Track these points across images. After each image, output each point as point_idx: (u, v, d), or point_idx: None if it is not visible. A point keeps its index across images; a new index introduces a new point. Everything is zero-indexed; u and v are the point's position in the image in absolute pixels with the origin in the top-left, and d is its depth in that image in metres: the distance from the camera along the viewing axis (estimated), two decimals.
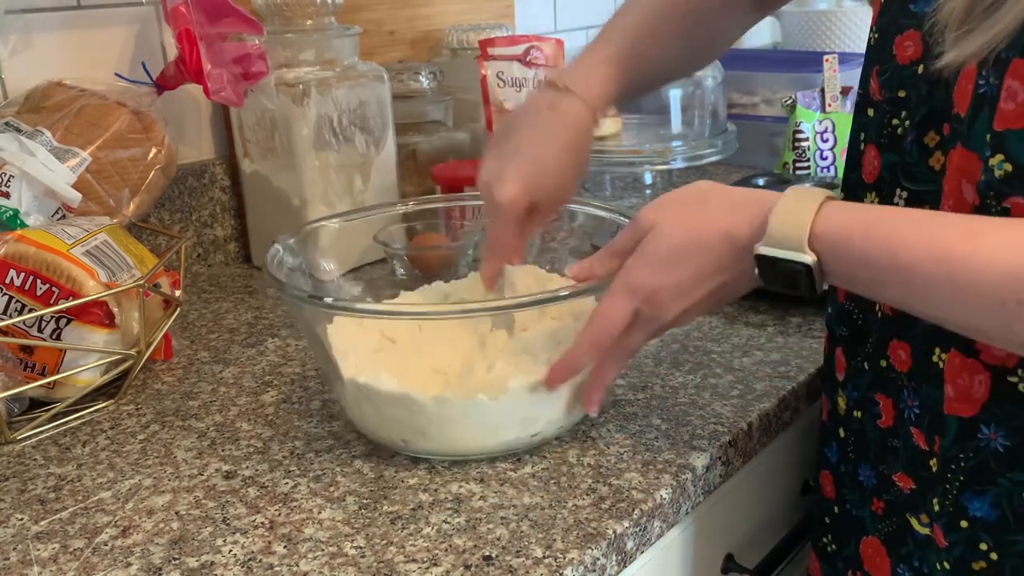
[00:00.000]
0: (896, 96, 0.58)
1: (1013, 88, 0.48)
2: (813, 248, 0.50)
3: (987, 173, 0.50)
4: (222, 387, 0.78)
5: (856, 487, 0.66)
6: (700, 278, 0.55)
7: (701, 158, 1.32)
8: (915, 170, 0.57)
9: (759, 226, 0.52)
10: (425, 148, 1.18)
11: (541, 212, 0.70)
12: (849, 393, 0.65)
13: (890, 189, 0.59)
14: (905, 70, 0.57)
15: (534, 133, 0.69)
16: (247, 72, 0.93)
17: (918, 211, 0.51)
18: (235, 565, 0.55)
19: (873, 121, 0.60)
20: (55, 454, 0.68)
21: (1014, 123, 0.48)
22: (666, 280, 0.55)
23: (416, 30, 1.30)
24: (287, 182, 1.02)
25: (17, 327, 0.72)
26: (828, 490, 0.69)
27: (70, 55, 0.97)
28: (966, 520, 0.55)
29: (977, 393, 0.54)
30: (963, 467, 0.55)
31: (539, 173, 0.68)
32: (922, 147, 0.56)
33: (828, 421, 0.69)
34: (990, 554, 0.55)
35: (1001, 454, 0.53)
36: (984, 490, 0.54)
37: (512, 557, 0.54)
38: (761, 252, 0.51)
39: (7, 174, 0.78)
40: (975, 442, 0.54)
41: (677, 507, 0.62)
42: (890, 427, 0.61)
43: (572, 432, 0.68)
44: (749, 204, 0.53)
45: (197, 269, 1.09)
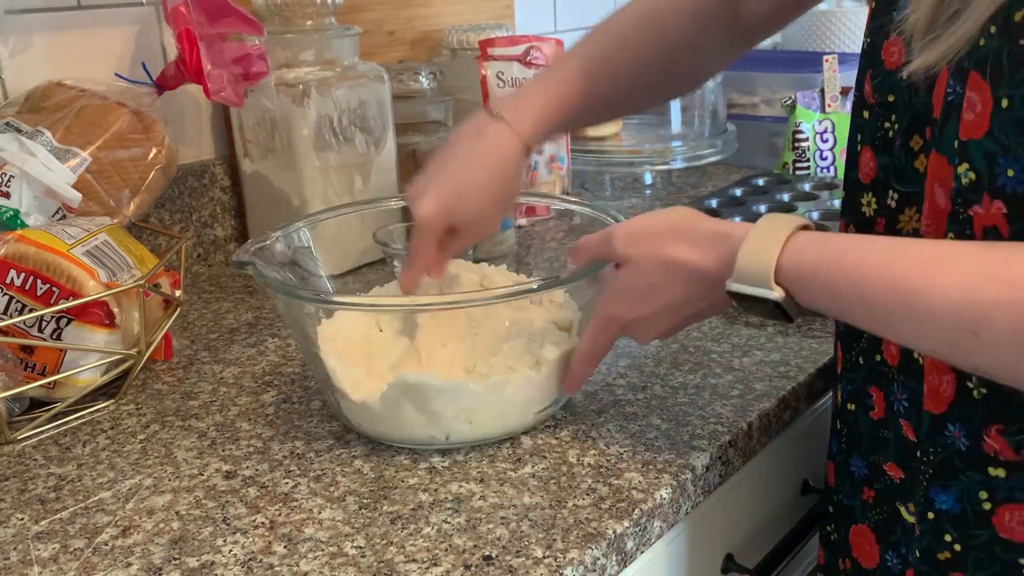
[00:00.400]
0: (887, 100, 0.59)
1: (972, 99, 0.49)
2: (780, 282, 0.52)
3: (956, 180, 0.51)
4: (222, 387, 0.78)
5: (847, 477, 0.67)
6: (673, 308, 0.59)
7: (701, 158, 1.32)
8: (903, 172, 0.58)
9: (728, 261, 0.54)
10: (425, 148, 1.18)
11: (462, 234, 0.71)
12: (844, 387, 0.66)
13: (883, 190, 0.60)
14: (893, 75, 0.57)
15: (460, 156, 0.71)
16: (247, 72, 0.93)
17: (883, 239, 0.51)
18: (235, 565, 0.55)
19: (868, 123, 0.61)
20: (55, 454, 0.68)
21: (974, 133, 0.49)
22: (641, 312, 0.60)
23: (416, 30, 1.31)
24: (287, 182, 1.02)
25: (17, 327, 0.72)
26: (830, 480, 0.70)
27: (70, 55, 0.97)
28: (932, 512, 0.57)
29: (945, 392, 0.55)
30: (932, 460, 0.56)
31: (458, 196, 0.70)
32: (908, 150, 0.57)
33: (833, 413, 0.70)
34: (954, 545, 0.56)
35: (963, 452, 0.55)
36: (948, 485, 0.56)
37: (512, 557, 0.54)
38: (731, 289, 0.54)
39: (7, 174, 0.78)
40: (943, 438, 0.56)
41: (677, 507, 0.63)
42: (881, 419, 0.63)
43: (572, 432, 0.68)
44: (719, 239, 0.55)
45: (197, 269, 1.09)
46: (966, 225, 0.51)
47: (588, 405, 0.72)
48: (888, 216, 0.60)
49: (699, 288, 0.57)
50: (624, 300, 0.60)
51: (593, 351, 0.64)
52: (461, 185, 0.70)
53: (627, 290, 0.59)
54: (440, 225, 0.70)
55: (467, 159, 0.71)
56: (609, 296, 0.61)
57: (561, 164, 1.19)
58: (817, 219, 1.14)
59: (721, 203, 1.24)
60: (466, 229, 0.71)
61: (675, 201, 1.29)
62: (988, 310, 0.44)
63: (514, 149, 0.71)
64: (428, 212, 0.69)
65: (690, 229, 0.57)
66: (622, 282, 0.60)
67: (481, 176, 0.70)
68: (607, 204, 1.29)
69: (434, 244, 0.70)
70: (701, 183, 1.39)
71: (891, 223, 0.60)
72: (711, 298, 0.57)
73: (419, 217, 0.69)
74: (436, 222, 0.69)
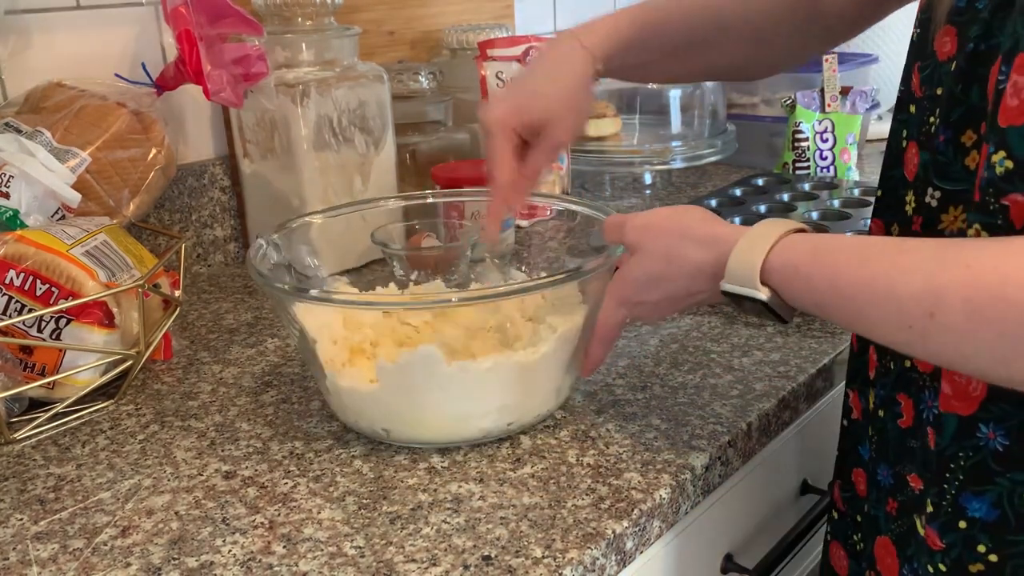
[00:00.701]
0: (935, 93, 0.57)
1: (1019, 84, 0.48)
2: (766, 282, 0.54)
3: (989, 170, 0.50)
4: (222, 387, 0.78)
5: (875, 486, 0.66)
6: (674, 298, 0.62)
7: (701, 158, 1.32)
8: (949, 169, 0.56)
9: (724, 262, 0.56)
10: (425, 148, 1.18)
11: (541, 140, 0.71)
12: (877, 392, 0.65)
13: (923, 188, 0.59)
14: (943, 67, 0.56)
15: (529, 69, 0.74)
16: (247, 73, 0.93)
17: (864, 238, 0.52)
18: (235, 565, 0.55)
19: (914, 118, 0.60)
20: (55, 454, 0.68)
21: (1016, 119, 0.48)
22: (644, 298, 0.63)
23: (416, 30, 1.31)
24: (287, 182, 1.02)
25: (17, 327, 0.72)
26: (861, 488, 0.68)
27: (70, 55, 0.97)
28: (964, 520, 0.55)
29: (975, 391, 0.53)
30: (962, 466, 0.55)
31: (525, 96, 0.71)
32: (958, 146, 0.56)
33: (862, 419, 0.68)
34: (989, 556, 0.54)
35: (1001, 453, 0.53)
36: (983, 490, 0.54)
37: (511, 557, 0.54)
38: (724, 288, 0.56)
39: (7, 174, 0.78)
40: (974, 441, 0.54)
41: (676, 507, 0.62)
42: (909, 427, 0.61)
43: (572, 432, 0.68)
44: (718, 241, 0.58)
45: (197, 269, 1.09)
46: (997, 215, 0.50)
47: (588, 405, 0.72)
48: (927, 215, 0.58)
49: (699, 283, 0.59)
50: (632, 285, 0.63)
51: (606, 332, 0.67)
52: (529, 85, 0.72)
53: (632, 277, 0.63)
54: (511, 124, 0.69)
55: (535, 67, 0.73)
56: (618, 280, 0.64)
57: (561, 164, 1.19)
58: (817, 219, 1.14)
59: (721, 203, 1.24)
60: (543, 131, 0.70)
61: (675, 201, 1.29)
62: (943, 292, 0.45)
63: (581, 56, 0.72)
64: (497, 113, 0.69)
65: (697, 229, 0.60)
66: (630, 269, 0.63)
67: (549, 74, 0.72)
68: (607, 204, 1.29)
69: (511, 152, 0.70)
70: (701, 183, 1.39)
71: (931, 222, 0.58)
72: (710, 292, 0.59)
73: (488, 121, 0.69)
74: (507, 121, 0.69)
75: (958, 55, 0.55)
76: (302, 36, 1.01)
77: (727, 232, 0.58)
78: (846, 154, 1.35)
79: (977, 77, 0.53)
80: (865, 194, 1.24)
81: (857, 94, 1.36)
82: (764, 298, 0.54)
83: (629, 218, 0.64)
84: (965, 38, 0.53)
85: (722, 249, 0.57)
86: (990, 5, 0.52)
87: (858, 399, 0.68)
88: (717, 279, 0.57)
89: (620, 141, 1.36)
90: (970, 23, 0.53)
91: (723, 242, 0.57)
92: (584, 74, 0.72)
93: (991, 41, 0.52)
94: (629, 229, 0.63)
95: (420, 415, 0.65)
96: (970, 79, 0.54)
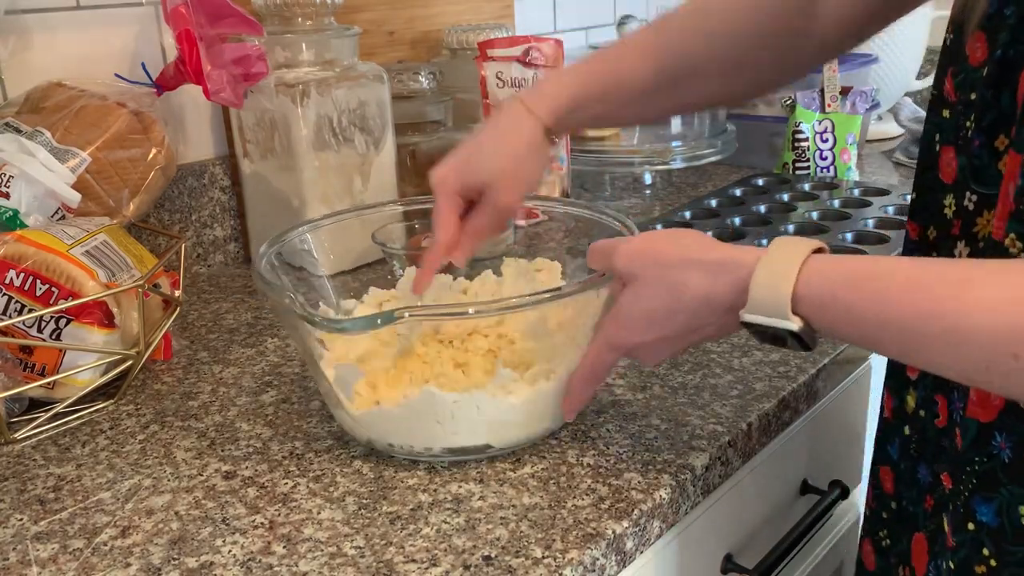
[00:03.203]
0: (969, 98, 0.56)
1: None
2: (798, 311, 0.50)
3: (1022, 178, 0.49)
4: (222, 387, 0.78)
5: (914, 484, 0.65)
6: (679, 335, 0.57)
7: (701, 158, 1.32)
8: (985, 174, 0.56)
9: (742, 291, 0.52)
10: (425, 148, 1.18)
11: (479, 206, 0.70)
12: (920, 392, 0.64)
13: (961, 191, 0.58)
14: (975, 72, 0.56)
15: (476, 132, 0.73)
16: (247, 73, 0.93)
17: (904, 260, 0.49)
18: (234, 565, 0.55)
19: (949, 123, 0.59)
20: (55, 454, 0.68)
21: None
22: (644, 339, 0.58)
23: (416, 30, 1.31)
24: (287, 182, 1.02)
25: (17, 327, 0.72)
26: (887, 486, 0.68)
27: (70, 55, 0.97)
28: (973, 523, 0.55)
29: (996, 399, 0.53)
30: (976, 471, 0.55)
31: (468, 158, 0.70)
32: (992, 150, 0.55)
33: (892, 418, 0.67)
34: (991, 560, 0.55)
35: (1007, 464, 0.53)
36: (991, 497, 0.54)
37: (511, 557, 0.54)
38: (746, 320, 0.52)
39: (7, 174, 0.78)
40: (989, 448, 0.54)
41: (676, 507, 0.62)
42: (944, 427, 0.61)
43: (572, 432, 0.68)
44: (729, 267, 0.53)
45: (197, 269, 1.09)
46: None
47: (588, 405, 0.72)
48: (965, 218, 0.58)
49: (706, 316, 0.55)
50: (628, 325, 0.58)
51: (594, 373, 0.63)
52: (473, 148, 0.71)
53: (628, 317, 0.58)
54: (454, 187, 0.69)
55: (482, 131, 0.72)
56: (613, 319, 0.59)
57: (561, 164, 1.19)
58: (817, 219, 1.14)
59: (721, 203, 1.24)
60: (486, 194, 0.69)
61: (675, 201, 1.29)
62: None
63: (527, 121, 0.70)
64: (441, 174, 0.69)
65: (699, 254, 0.55)
66: (627, 306, 0.58)
67: (494, 138, 0.71)
68: (607, 204, 1.29)
69: (451, 212, 0.69)
70: (701, 183, 1.39)
71: (967, 225, 0.58)
72: (719, 324, 0.55)
73: (433, 182, 0.69)
74: (448, 181, 0.69)
75: (988, 61, 0.55)
76: (302, 36, 1.01)
77: (738, 255, 0.53)
78: (846, 154, 1.35)
79: (1007, 82, 0.53)
80: (865, 194, 1.24)
81: (857, 94, 1.37)
82: (796, 328, 0.50)
83: (617, 243, 0.59)
84: (995, 44, 0.53)
85: (737, 275, 0.52)
86: (1017, 12, 0.52)
87: (891, 398, 0.68)
88: (731, 310, 0.53)
89: (620, 141, 1.36)
90: (999, 29, 0.53)
91: (736, 267, 0.52)
92: (531, 139, 0.70)
93: (1019, 47, 0.52)
94: (620, 256, 0.58)
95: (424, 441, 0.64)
96: (1000, 84, 0.53)
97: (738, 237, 1.08)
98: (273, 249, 0.71)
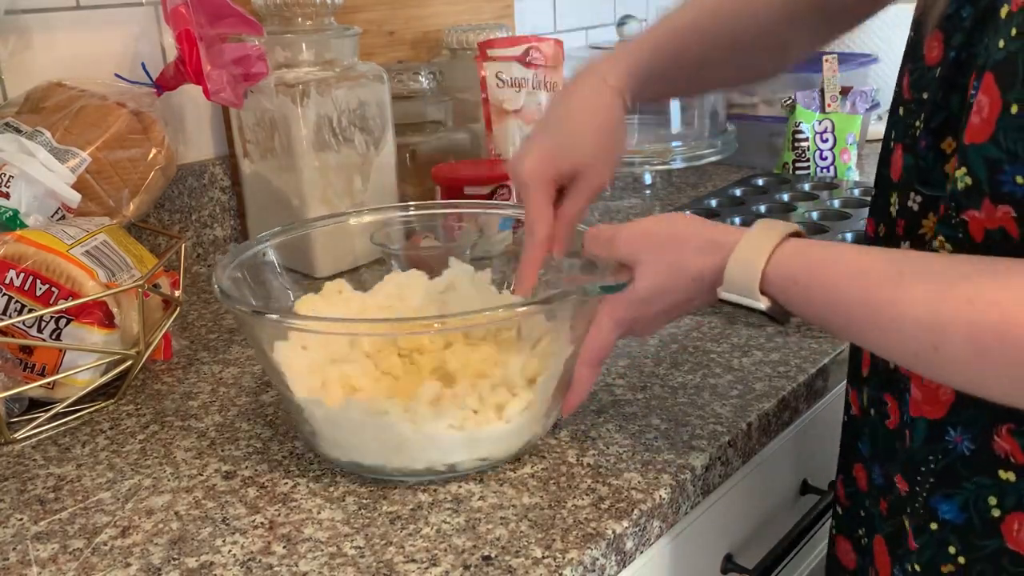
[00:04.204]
0: (921, 97, 0.57)
1: (982, 102, 0.48)
2: (766, 292, 0.54)
3: (952, 184, 0.50)
4: (221, 387, 0.78)
5: (872, 484, 0.66)
6: (673, 308, 0.61)
7: (701, 158, 1.32)
8: (930, 175, 0.56)
9: (721, 269, 0.56)
10: (425, 148, 1.18)
11: (573, 190, 0.68)
12: (869, 391, 0.65)
13: (906, 191, 0.59)
14: (930, 72, 0.56)
15: (555, 111, 0.72)
16: (247, 73, 0.93)
17: (859, 249, 0.53)
18: (234, 565, 0.55)
19: (902, 121, 0.60)
20: (55, 454, 0.68)
21: (976, 136, 0.48)
22: (643, 312, 0.61)
23: (416, 30, 1.31)
24: (287, 182, 1.02)
25: (17, 327, 0.72)
26: (863, 484, 0.68)
27: (70, 55, 0.97)
28: (936, 522, 0.55)
29: (944, 395, 0.54)
30: (933, 469, 0.55)
31: (558, 143, 0.68)
32: (938, 152, 0.56)
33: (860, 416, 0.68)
34: (958, 557, 0.55)
35: (968, 457, 0.54)
36: (952, 493, 0.54)
37: (511, 557, 0.54)
38: (721, 296, 0.56)
39: (7, 174, 0.78)
40: (942, 444, 0.54)
41: (676, 507, 0.62)
42: (895, 428, 0.61)
43: (572, 432, 0.68)
44: (715, 247, 0.57)
45: (197, 269, 1.09)
46: (958, 229, 0.51)
47: (588, 405, 0.72)
48: (909, 219, 0.58)
49: (696, 292, 0.59)
50: (629, 304, 0.61)
51: (597, 353, 0.64)
52: (561, 131, 0.68)
53: (637, 291, 0.61)
54: (548, 176, 0.67)
55: (561, 110, 0.70)
56: (620, 299, 0.62)
57: None
58: (817, 219, 1.14)
59: (721, 203, 1.24)
60: (578, 177, 0.68)
61: (675, 201, 1.29)
62: (946, 328, 0.45)
63: (609, 96, 0.69)
64: (532, 165, 0.66)
65: (695, 233, 0.59)
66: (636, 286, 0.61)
67: (579, 117, 0.68)
68: (607, 205, 1.29)
69: (548, 204, 0.67)
70: (701, 183, 1.39)
71: (912, 227, 0.58)
72: (710, 296, 0.59)
73: (523, 175, 0.66)
74: (543, 173, 0.66)
75: (942, 62, 0.55)
76: (302, 36, 1.01)
77: (722, 236, 0.57)
78: (846, 154, 1.35)
79: (957, 86, 0.53)
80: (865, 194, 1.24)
81: (857, 94, 1.36)
82: (763, 307, 0.54)
83: (618, 229, 0.62)
84: (949, 46, 0.54)
85: (719, 255, 0.56)
86: (973, 15, 0.52)
87: (856, 396, 0.69)
88: (716, 285, 0.57)
89: None
90: (955, 30, 0.53)
91: (719, 247, 0.57)
92: (616, 115, 0.70)
93: (972, 50, 0.52)
94: (622, 241, 0.61)
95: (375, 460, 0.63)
96: (951, 87, 0.54)
97: None
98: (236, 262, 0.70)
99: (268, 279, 0.75)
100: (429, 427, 0.60)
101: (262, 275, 0.74)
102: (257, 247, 0.74)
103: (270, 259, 0.75)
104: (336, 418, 0.61)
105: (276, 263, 0.76)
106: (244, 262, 0.71)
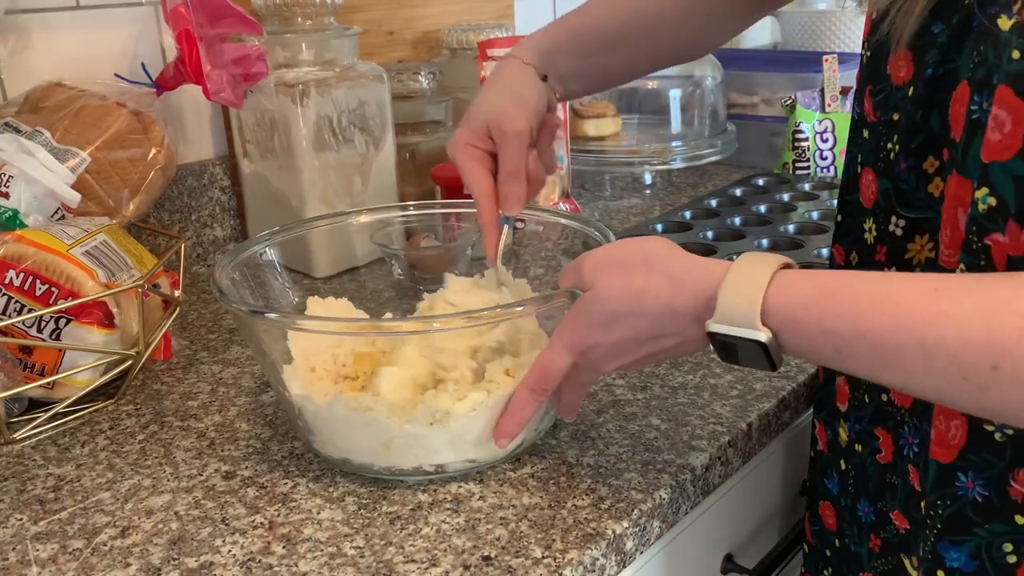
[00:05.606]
0: (891, 119, 0.55)
1: (1000, 117, 0.46)
2: (767, 323, 0.48)
3: (973, 207, 0.48)
4: (221, 387, 0.78)
5: (855, 522, 0.64)
6: (637, 341, 0.54)
7: (701, 158, 1.32)
8: (912, 197, 0.55)
9: (705, 300, 0.50)
10: (424, 148, 1.18)
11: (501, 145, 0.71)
12: (852, 426, 0.63)
13: (886, 215, 0.57)
14: (899, 91, 0.55)
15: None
16: (247, 73, 0.93)
17: (875, 274, 0.48)
18: (234, 565, 0.55)
19: (868, 143, 0.58)
20: (54, 454, 0.68)
21: (999, 155, 0.46)
22: (600, 339, 0.54)
23: (416, 30, 1.31)
24: (286, 182, 1.02)
25: (16, 327, 0.72)
26: (829, 522, 0.68)
27: (70, 55, 0.97)
28: (943, 570, 0.54)
29: (955, 439, 0.52)
30: (941, 515, 0.53)
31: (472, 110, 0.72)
32: (920, 173, 0.54)
33: (828, 451, 0.67)
34: None
35: (979, 504, 0.51)
36: (962, 540, 0.53)
37: (511, 557, 0.54)
38: (712, 330, 0.49)
39: (7, 174, 0.78)
40: (952, 490, 0.52)
41: (676, 507, 0.62)
42: (889, 463, 0.60)
43: (572, 432, 0.68)
44: (693, 277, 0.51)
45: (197, 269, 1.09)
46: (980, 255, 0.48)
47: (587, 405, 0.72)
48: (892, 244, 0.57)
49: (668, 325, 0.52)
50: (584, 327, 0.55)
51: (542, 379, 0.58)
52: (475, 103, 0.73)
53: (588, 315, 0.55)
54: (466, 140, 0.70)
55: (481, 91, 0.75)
56: (569, 321, 0.56)
57: (561, 164, 1.19)
58: (816, 219, 1.14)
59: (721, 203, 1.24)
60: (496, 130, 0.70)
61: (675, 201, 1.29)
62: (1007, 343, 0.40)
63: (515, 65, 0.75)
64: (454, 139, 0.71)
65: (663, 263, 0.52)
66: (583, 307, 0.55)
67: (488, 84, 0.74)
68: (607, 204, 1.29)
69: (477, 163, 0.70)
70: (701, 183, 1.39)
71: (897, 251, 0.57)
72: (682, 337, 0.52)
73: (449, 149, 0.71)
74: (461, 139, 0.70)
75: (915, 80, 0.53)
76: (302, 36, 1.01)
77: (704, 265, 0.51)
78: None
79: (937, 103, 0.52)
80: None
81: None
82: (765, 340, 0.48)
83: (583, 257, 0.56)
84: (923, 63, 0.52)
85: (702, 284, 0.50)
86: (948, 31, 0.51)
87: (824, 430, 0.68)
88: (695, 320, 0.50)
89: (620, 141, 1.36)
90: (927, 48, 0.52)
91: (702, 276, 0.50)
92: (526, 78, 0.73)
93: (949, 66, 0.51)
94: (585, 267, 0.55)
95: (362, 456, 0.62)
96: (929, 105, 0.52)
97: (738, 237, 1.08)
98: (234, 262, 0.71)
99: (268, 279, 0.75)
100: (410, 424, 0.60)
101: (262, 275, 0.74)
102: (257, 247, 0.74)
103: (270, 259, 0.75)
104: (325, 415, 0.62)
105: (276, 263, 0.76)
106: (244, 262, 0.71)
